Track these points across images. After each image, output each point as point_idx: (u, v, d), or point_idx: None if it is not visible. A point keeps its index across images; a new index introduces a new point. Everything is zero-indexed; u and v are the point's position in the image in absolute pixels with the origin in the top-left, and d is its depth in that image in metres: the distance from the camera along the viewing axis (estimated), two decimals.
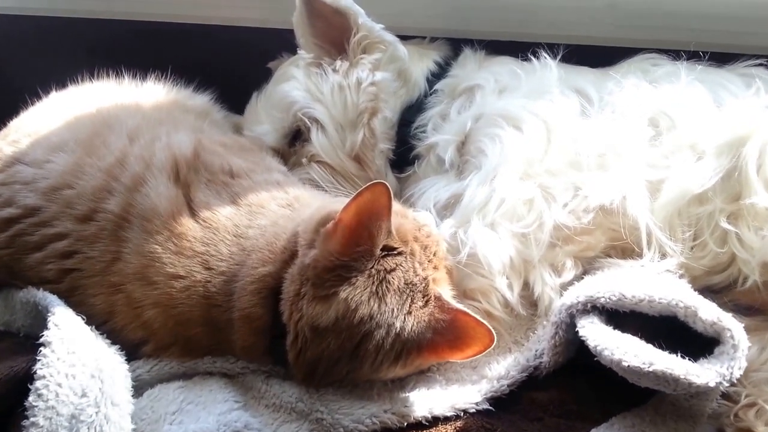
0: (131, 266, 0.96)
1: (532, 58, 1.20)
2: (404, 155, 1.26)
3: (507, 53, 1.30)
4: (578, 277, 1.03)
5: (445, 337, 0.90)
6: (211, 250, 0.97)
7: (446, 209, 1.11)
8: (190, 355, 0.99)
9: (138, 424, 0.90)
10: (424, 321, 0.90)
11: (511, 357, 0.98)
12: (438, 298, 0.92)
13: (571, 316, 0.91)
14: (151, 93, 1.25)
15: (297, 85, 1.27)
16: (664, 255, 1.03)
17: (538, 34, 1.37)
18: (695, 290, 0.91)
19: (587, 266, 1.06)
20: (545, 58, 1.18)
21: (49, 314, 0.92)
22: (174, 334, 0.97)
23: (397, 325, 0.89)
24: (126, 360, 0.96)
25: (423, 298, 0.92)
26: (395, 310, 0.90)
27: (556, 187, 1.06)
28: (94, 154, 1.06)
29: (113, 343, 0.97)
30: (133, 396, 0.93)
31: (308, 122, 1.23)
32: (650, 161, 1.07)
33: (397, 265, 0.91)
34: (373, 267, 0.90)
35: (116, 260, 0.97)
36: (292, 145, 1.29)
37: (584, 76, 1.21)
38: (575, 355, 0.96)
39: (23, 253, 1.01)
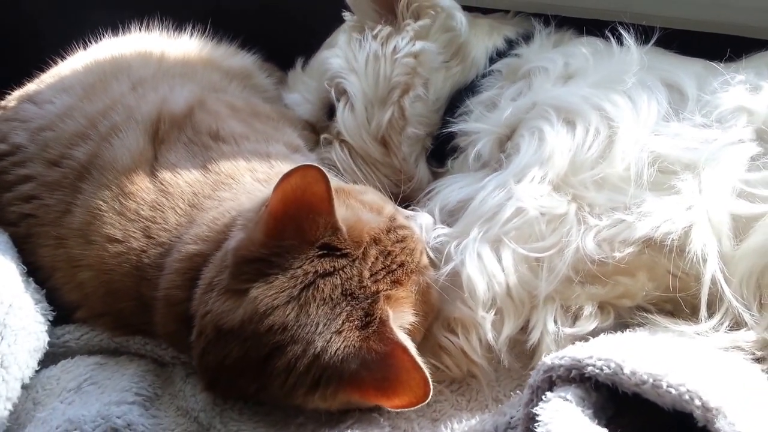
0: (76, 220, 0.86)
1: (611, 38, 0.90)
2: (444, 145, 1.02)
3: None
4: (604, 332, 0.74)
5: (374, 374, 0.69)
6: (157, 216, 0.83)
7: (454, 215, 0.87)
8: (122, 331, 0.87)
9: (39, 392, 0.81)
10: (354, 347, 0.68)
11: (478, 419, 0.72)
12: (383, 323, 0.70)
13: (551, 382, 0.63)
14: (182, 46, 1.14)
15: (339, 52, 1.08)
16: (738, 324, 0.70)
17: (656, 16, 1.05)
18: None
19: (626, 320, 0.76)
20: (626, 39, 0.88)
21: None
22: (105, 303, 0.85)
23: (319, 344, 0.68)
24: (58, 323, 0.87)
25: (364, 317, 0.70)
26: (320, 325, 0.69)
27: (599, 205, 0.77)
28: (90, 98, 0.97)
29: (52, 303, 0.88)
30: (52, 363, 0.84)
31: (335, 95, 1.05)
32: (744, 188, 0.74)
33: (335, 270, 0.71)
34: (301, 266, 0.70)
35: (67, 212, 0.87)
36: (326, 120, 1.11)
37: (685, 67, 0.89)
38: None
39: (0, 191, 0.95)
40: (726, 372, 0.62)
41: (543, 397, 0.60)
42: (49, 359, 0.85)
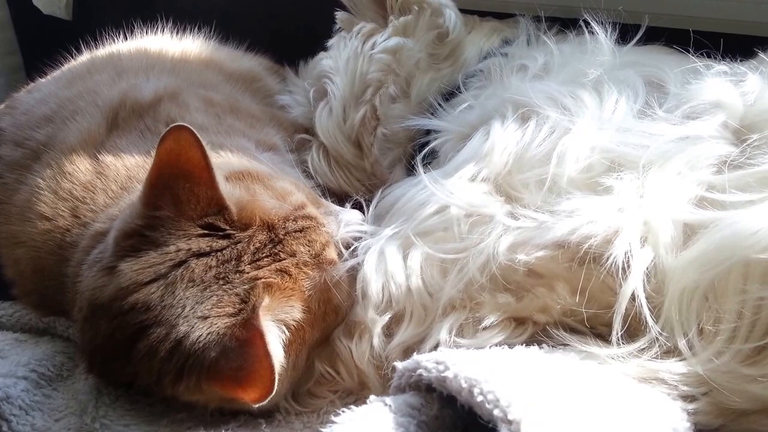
0: (21, 198, 0.92)
1: (585, 30, 0.85)
2: (423, 150, 0.99)
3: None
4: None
5: (231, 364, 0.66)
6: (87, 197, 0.88)
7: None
8: (46, 311, 0.92)
9: None
10: (218, 334, 0.67)
11: None
12: (254, 309, 0.68)
13: (402, 388, 0.58)
14: (184, 46, 1.21)
15: (331, 53, 1.10)
16: (667, 352, 0.61)
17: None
18: None
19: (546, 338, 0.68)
20: (599, 33, 0.83)
21: None
22: (32, 281, 0.90)
23: (182, 329, 0.68)
24: None
25: (238, 304, 0.69)
26: (186, 307, 0.69)
27: (536, 207, 0.71)
28: (70, 86, 1.06)
29: None
30: None
31: (313, 95, 1.06)
32: (704, 194, 0.65)
33: (212, 250, 0.70)
34: (175, 243, 0.70)
35: (17, 190, 0.94)
36: None
37: (676, 63, 0.81)
38: None
39: None
40: (603, 395, 0.54)
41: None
42: None
